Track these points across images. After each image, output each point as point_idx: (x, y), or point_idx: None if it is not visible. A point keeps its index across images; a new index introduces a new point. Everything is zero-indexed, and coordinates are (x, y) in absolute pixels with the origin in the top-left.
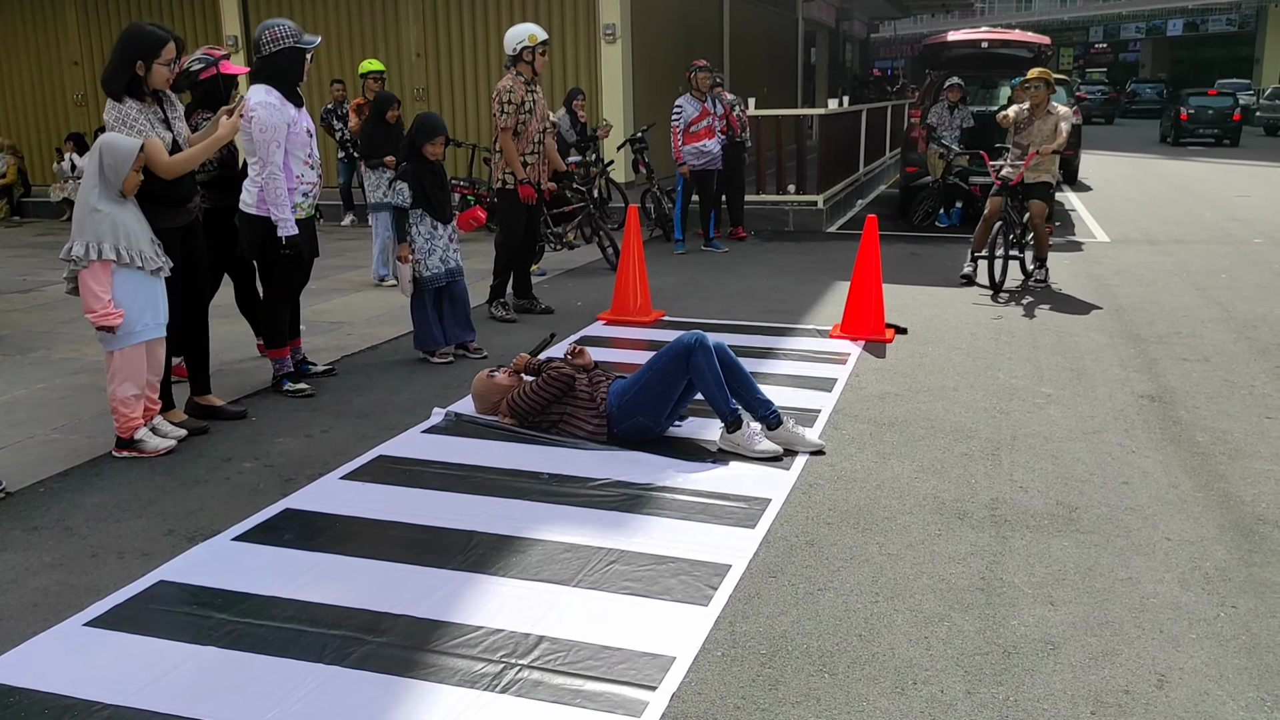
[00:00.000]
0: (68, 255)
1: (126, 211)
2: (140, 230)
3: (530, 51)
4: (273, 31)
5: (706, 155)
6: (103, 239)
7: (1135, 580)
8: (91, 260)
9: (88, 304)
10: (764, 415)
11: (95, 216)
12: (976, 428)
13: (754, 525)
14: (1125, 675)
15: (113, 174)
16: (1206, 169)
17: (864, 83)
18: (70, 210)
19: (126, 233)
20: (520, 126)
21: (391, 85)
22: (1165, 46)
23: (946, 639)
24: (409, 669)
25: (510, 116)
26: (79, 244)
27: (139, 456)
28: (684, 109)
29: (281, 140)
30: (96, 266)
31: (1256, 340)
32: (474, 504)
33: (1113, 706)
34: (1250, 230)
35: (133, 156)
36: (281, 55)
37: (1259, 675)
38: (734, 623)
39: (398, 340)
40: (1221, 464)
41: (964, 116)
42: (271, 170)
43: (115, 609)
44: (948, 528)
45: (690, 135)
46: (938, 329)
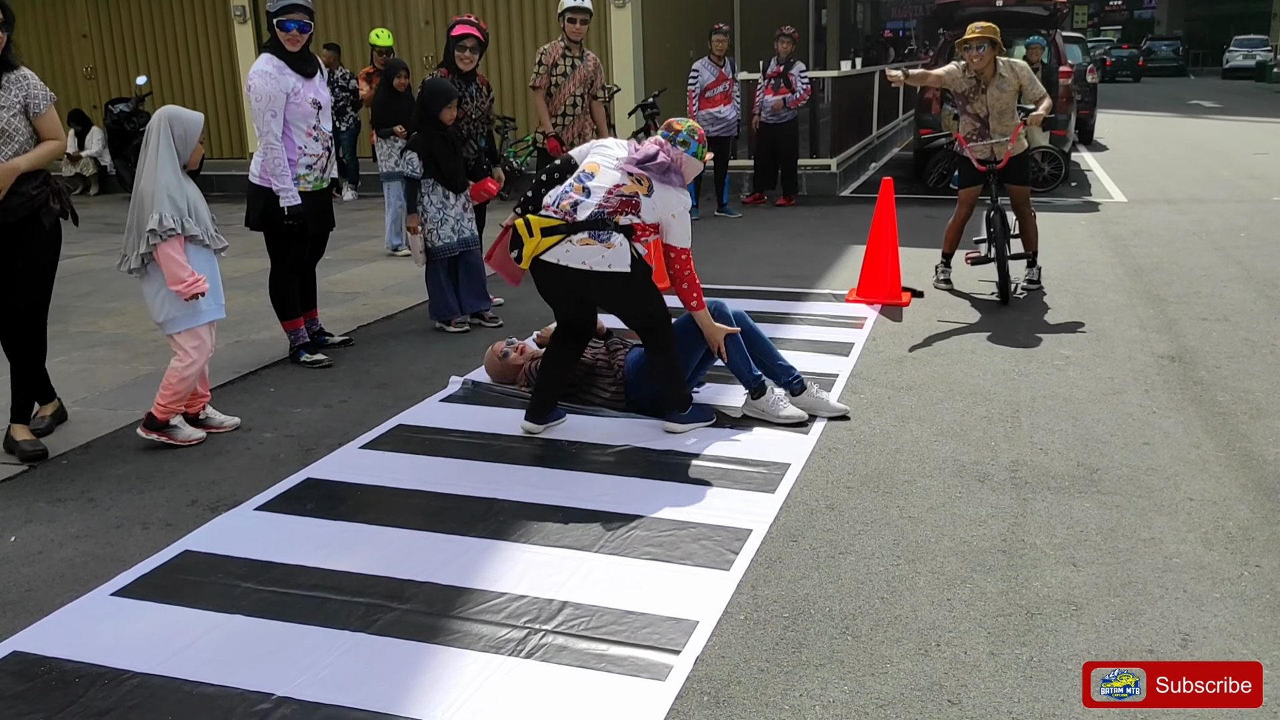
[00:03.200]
0: (157, 226)
1: (192, 186)
2: (205, 206)
3: (561, 18)
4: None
5: (721, 122)
6: (182, 211)
7: (1158, 540)
8: (175, 232)
9: (174, 275)
10: (787, 381)
11: (171, 188)
12: (995, 390)
13: (774, 490)
14: (1149, 635)
15: (182, 145)
16: (1224, 127)
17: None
18: (82, 186)
19: (195, 207)
20: (553, 88)
21: (400, 53)
22: (1182, 3)
23: (969, 600)
24: (434, 635)
25: (542, 77)
26: (165, 215)
27: (167, 443)
28: (700, 74)
29: (279, 110)
30: (174, 239)
31: (1277, 299)
32: (494, 471)
33: None
34: (1269, 188)
35: (200, 127)
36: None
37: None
38: (756, 587)
39: (413, 310)
40: (1243, 424)
41: None
42: (269, 140)
43: (142, 579)
44: (968, 490)
45: (705, 100)
46: (955, 292)
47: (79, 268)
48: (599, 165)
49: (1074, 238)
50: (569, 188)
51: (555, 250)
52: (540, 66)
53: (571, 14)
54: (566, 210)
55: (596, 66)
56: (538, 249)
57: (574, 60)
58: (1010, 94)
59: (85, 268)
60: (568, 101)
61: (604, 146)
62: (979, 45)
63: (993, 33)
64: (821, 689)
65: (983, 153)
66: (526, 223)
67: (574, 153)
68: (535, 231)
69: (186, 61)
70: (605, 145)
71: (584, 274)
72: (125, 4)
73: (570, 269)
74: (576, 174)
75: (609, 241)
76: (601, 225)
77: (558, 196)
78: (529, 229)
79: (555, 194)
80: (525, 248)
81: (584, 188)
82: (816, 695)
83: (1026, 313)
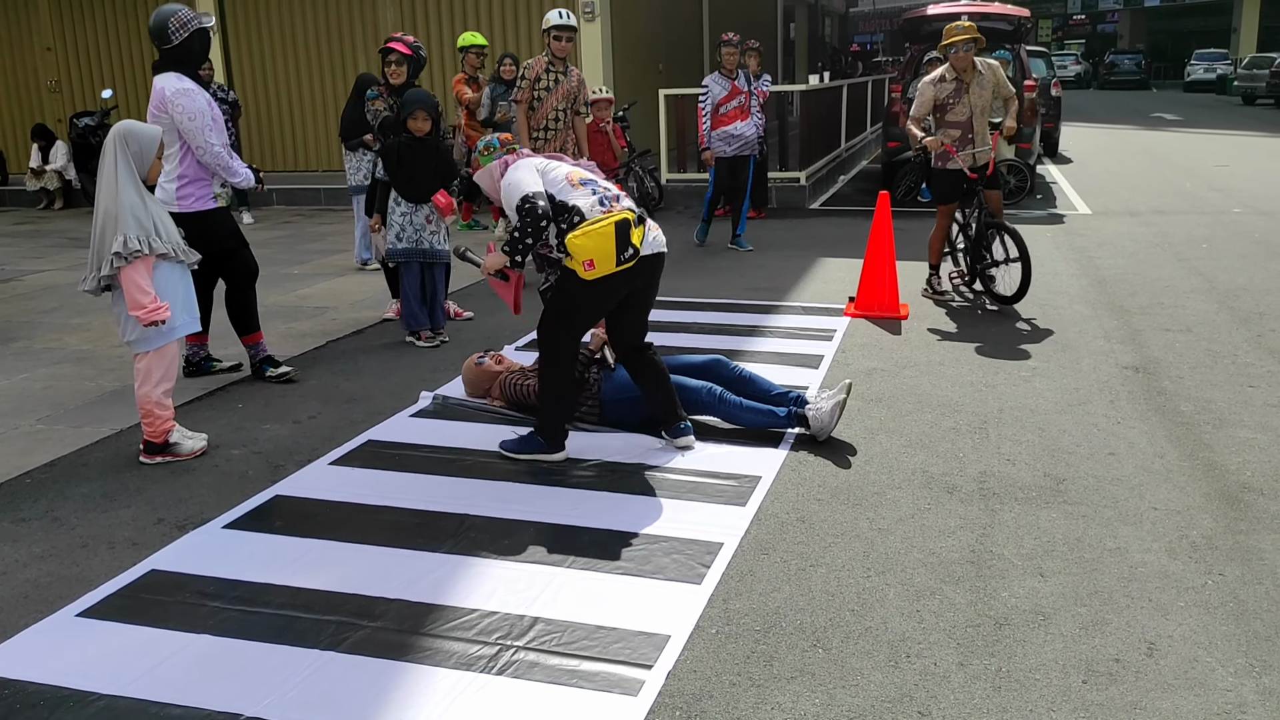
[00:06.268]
0: (122, 248)
1: (155, 201)
2: (169, 220)
3: (546, 34)
4: (179, 18)
5: (738, 140)
6: (148, 231)
7: (1123, 550)
8: (141, 253)
9: (135, 300)
10: (793, 399)
11: (135, 207)
12: (963, 401)
13: (745, 503)
14: (1115, 644)
15: (139, 161)
16: (1186, 140)
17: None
18: (47, 200)
19: (163, 223)
20: (535, 102)
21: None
22: (1144, 17)
23: (938, 612)
24: (404, 653)
25: (524, 91)
26: (129, 236)
27: (173, 461)
28: (710, 89)
29: (211, 122)
30: (139, 261)
31: (1238, 310)
32: (465, 487)
33: (1104, 675)
34: (1230, 200)
35: (157, 142)
36: (193, 39)
37: (1247, 641)
38: (727, 600)
39: (382, 324)
40: (1206, 433)
41: None
42: (215, 150)
43: (108, 599)
44: (937, 502)
45: (720, 118)
46: (922, 304)
47: (44, 283)
48: (578, 170)
49: (1039, 250)
50: (601, 192)
51: (646, 241)
52: (523, 80)
53: (557, 31)
54: (616, 203)
55: (580, 82)
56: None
57: (557, 75)
58: (989, 89)
59: (50, 283)
60: (550, 116)
61: (553, 166)
62: (965, 45)
63: (974, 32)
64: (793, 702)
65: (968, 161)
66: (625, 221)
67: (546, 181)
68: (632, 224)
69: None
70: (547, 164)
71: (664, 256)
72: (90, 17)
73: (663, 254)
74: (586, 182)
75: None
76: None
77: (603, 199)
78: (630, 223)
79: (593, 201)
80: (633, 236)
81: (604, 187)
82: (788, 709)
83: (994, 324)
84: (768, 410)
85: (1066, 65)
